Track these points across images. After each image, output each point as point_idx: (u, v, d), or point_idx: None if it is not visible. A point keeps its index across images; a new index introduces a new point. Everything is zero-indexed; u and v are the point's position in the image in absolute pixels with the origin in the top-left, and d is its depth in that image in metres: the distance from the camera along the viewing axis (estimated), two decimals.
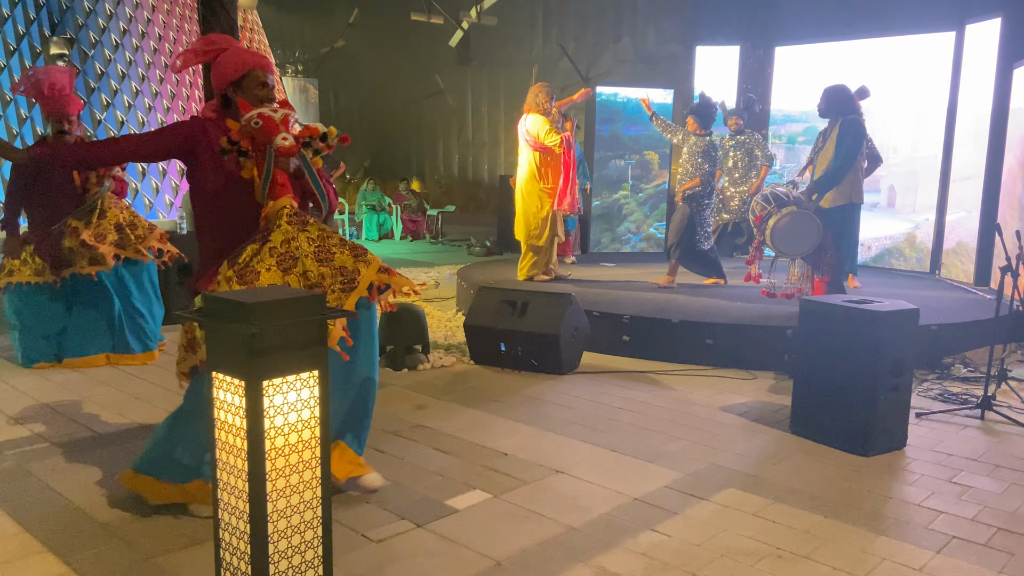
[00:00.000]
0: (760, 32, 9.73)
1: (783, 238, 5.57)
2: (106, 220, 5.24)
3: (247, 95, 2.98)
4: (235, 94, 2.99)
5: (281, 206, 2.89)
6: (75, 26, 12.25)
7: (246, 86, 2.99)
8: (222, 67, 2.99)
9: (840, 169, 5.44)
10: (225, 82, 3.00)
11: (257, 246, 2.84)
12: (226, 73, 2.99)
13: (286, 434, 2.28)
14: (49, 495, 3.23)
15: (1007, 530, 3.05)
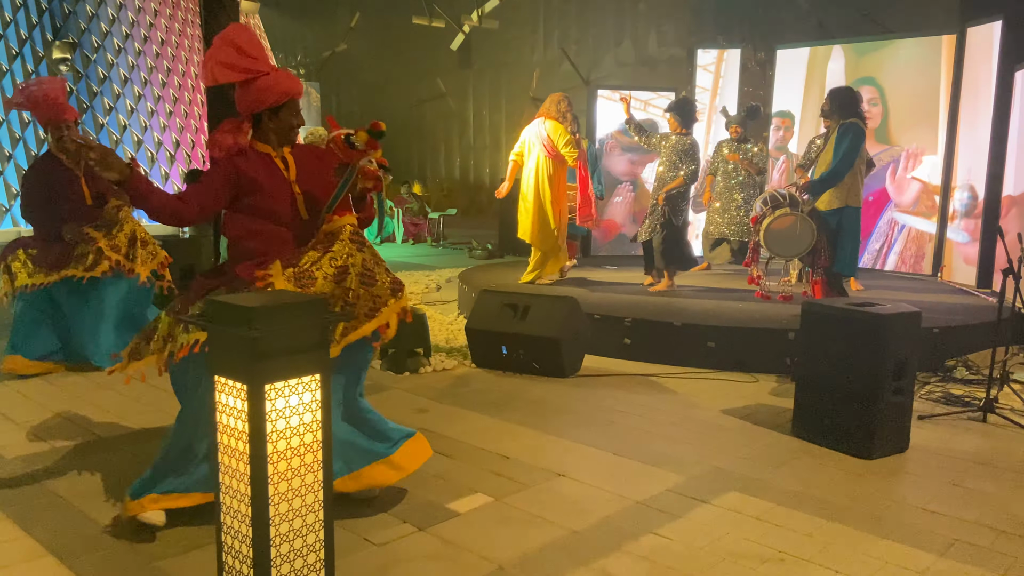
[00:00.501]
0: (761, 34, 9.73)
1: (776, 240, 5.57)
2: (123, 232, 5.21)
3: (282, 121, 2.98)
4: (270, 118, 2.98)
5: (346, 222, 2.94)
6: (78, 31, 12.28)
7: (283, 113, 2.98)
8: (262, 91, 2.92)
9: (836, 172, 5.43)
10: (263, 106, 2.95)
11: (317, 254, 2.87)
12: (267, 98, 2.93)
13: (288, 437, 2.29)
14: (52, 499, 3.23)
15: (1010, 533, 3.05)
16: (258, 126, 3.01)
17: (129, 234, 5.23)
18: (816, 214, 5.58)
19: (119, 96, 12.46)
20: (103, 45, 12.46)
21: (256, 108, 2.96)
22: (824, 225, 5.54)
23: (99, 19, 12.47)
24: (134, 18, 12.84)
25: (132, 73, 12.64)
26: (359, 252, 2.91)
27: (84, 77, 12.24)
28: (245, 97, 2.96)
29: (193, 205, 2.89)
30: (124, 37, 12.69)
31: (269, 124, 3.00)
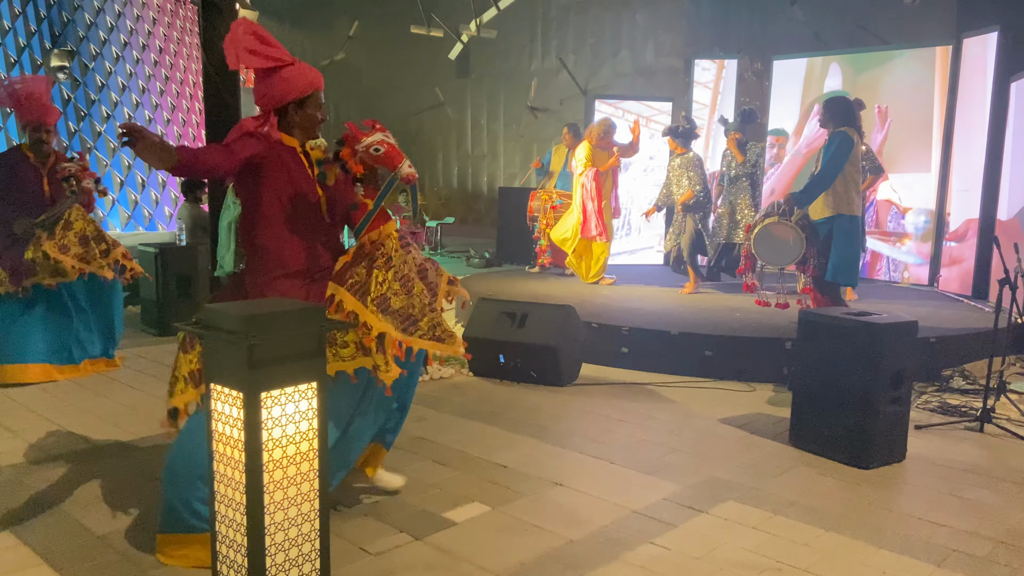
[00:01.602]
0: (758, 45, 9.77)
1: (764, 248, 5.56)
2: (72, 232, 5.15)
3: (306, 114, 2.90)
4: (295, 111, 2.89)
5: (392, 230, 2.88)
6: (76, 38, 12.30)
7: (308, 105, 2.90)
8: (288, 82, 2.84)
9: (819, 181, 5.41)
10: (287, 98, 2.86)
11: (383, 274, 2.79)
12: (292, 89, 2.85)
13: (284, 446, 2.28)
14: (46, 507, 3.22)
15: (1007, 543, 3.04)
16: (282, 120, 2.92)
17: (80, 233, 5.18)
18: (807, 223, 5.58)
19: (117, 104, 12.48)
20: (101, 53, 12.48)
21: (282, 100, 2.86)
22: (814, 234, 5.54)
23: (97, 27, 12.49)
24: (132, 26, 12.87)
25: (130, 81, 12.66)
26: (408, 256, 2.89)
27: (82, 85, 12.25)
28: (270, 88, 2.85)
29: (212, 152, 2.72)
30: (122, 45, 12.72)
31: (294, 117, 2.90)
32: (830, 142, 5.49)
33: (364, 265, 2.82)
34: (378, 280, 2.77)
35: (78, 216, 5.23)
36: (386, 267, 2.80)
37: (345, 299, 2.74)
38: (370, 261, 2.82)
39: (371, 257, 2.83)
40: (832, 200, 5.51)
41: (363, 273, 2.80)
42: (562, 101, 13.28)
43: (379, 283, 2.77)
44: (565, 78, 13.14)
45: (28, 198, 5.15)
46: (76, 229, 5.18)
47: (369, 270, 2.80)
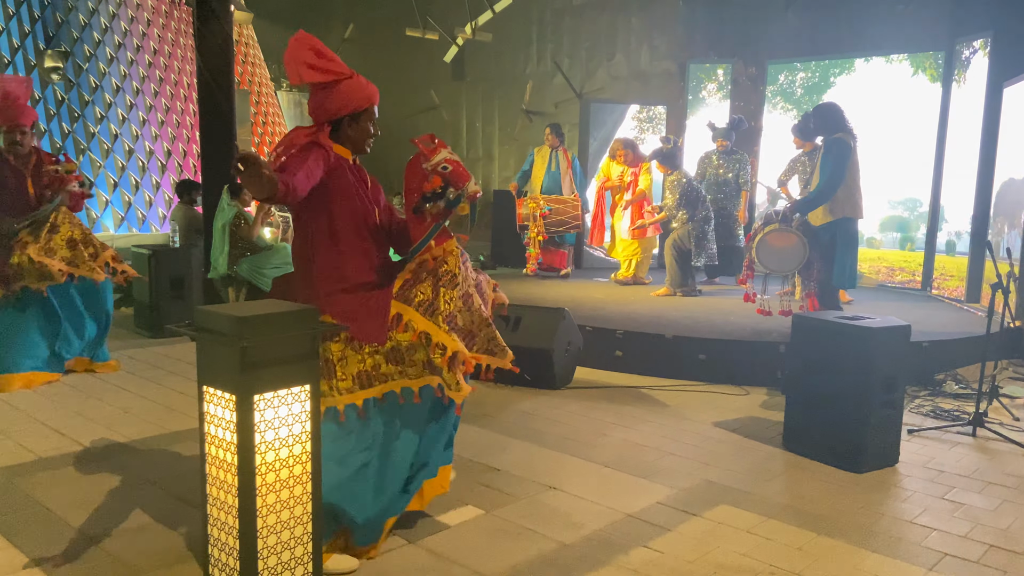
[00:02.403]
0: (752, 49, 9.81)
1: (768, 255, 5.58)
2: (58, 235, 5.11)
3: (360, 128, 2.87)
4: (350, 124, 2.85)
5: (453, 247, 2.85)
6: (70, 39, 12.27)
7: (363, 119, 2.87)
8: (345, 96, 2.80)
9: (823, 191, 5.45)
10: (343, 112, 2.82)
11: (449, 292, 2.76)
12: (348, 103, 2.81)
13: (277, 449, 2.27)
14: (37, 509, 3.20)
15: (999, 547, 3.05)
16: (335, 133, 2.86)
17: (67, 237, 5.15)
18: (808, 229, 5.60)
19: (111, 105, 12.45)
20: (95, 54, 12.45)
21: (339, 113, 2.82)
22: (816, 240, 5.56)
23: (91, 28, 12.47)
24: (126, 27, 12.84)
25: (124, 82, 12.63)
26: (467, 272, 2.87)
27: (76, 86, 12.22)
28: (327, 101, 2.81)
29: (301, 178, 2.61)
30: (116, 46, 12.69)
31: (348, 131, 2.86)
32: (827, 152, 5.51)
33: (429, 283, 2.78)
34: (445, 299, 2.75)
35: (64, 219, 5.19)
36: (451, 285, 2.78)
37: (415, 319, 2.70)
38: (435, 279, 2.79)
39: (435, 275, 2.80)
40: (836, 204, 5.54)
41: (429, 291, 2.76)
42: (557, 104, 13.29)
43: (447, 302, 2.75)
44: (560, 81, 13.15)
45: (12, 199, 5.10)
46: (62, 233, 5.14)
47: (435, 288, 2.77)
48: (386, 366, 2.71)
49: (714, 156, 8.35)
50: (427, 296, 2.75)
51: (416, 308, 2.72)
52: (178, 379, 5.34)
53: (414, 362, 2.72)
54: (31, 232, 5.08)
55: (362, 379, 2.69)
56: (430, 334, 2.68)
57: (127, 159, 12.36)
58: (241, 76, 15.16)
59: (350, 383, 2.67)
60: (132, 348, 6.24)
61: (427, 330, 2.69)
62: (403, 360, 2.72)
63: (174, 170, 12.84)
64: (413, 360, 2.72)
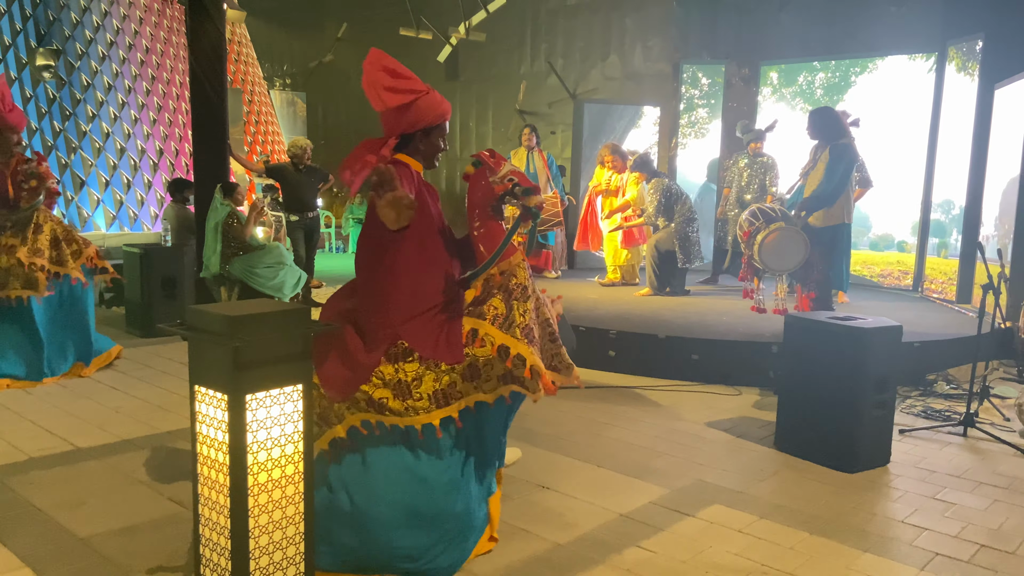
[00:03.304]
0: (745, 51, 9.83)
1: (770, 254, 5.60)
2: (42, 235, 5.07)
3: (431, 143, 2.85)
4: (422, 139, 2.83)
5: (520, 260, 2.82)
6: (62, 37, 12.22)
7: (434, 134, 2.86)
8: (420, 112, 2.78)
9: (833, 193, 5.50)
10: (417, 127, 2.80)
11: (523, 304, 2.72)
12: (422, 119, 2.78)
13: (269, 449, 2.27)
14: (28, 510, 3.18)
15: (990, 547, 3.06)
16: (404, 146, 2.83)
17: (50, 235, 5.11)
18: (809, 229, 5.63)
19: (103, 103, 12.40)
20: (87, 52, 12.40)
21: (412, 128, 2.79)
22: (816, 240, 5.59)
23: (84, 26, 12.41)
24: (119, 26, 12.79)
25: (116, 81, 12.58)
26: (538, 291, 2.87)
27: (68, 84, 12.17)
28: (401, 116, 2.78)
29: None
30: (108, 45, 12.64)
31: (420, 145, 2.84)
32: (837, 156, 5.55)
33: (500, 297, 2.74)
34: (519, 311, 2.71)
35: (46, 218, 5.15)
36: (523, 298, 2.75)
37: (492, 333, 2.66)
38: (507, 293, 2.75)
39: (506, 289, 2.76)
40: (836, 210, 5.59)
41: (502, 306, 2.72)
42: (551, 105, 13.29)
43: (521, 314, 2.71)
44: (554, 82, 13.16)
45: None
46: (46, 232, 5.10)
47: (508, 302, 2.72)
48: (462, 384, 2.67)
49: (742, 160, 8.22)
50: (501, 310, 2.71)
51: (491, 323, 2.69)
52: (170, 379, 5.32)
53: (490, 377, 2.68)
54: (16, 234, 5.03)
55: (438, 398, 2.65)
56: (508, 347, 2.64)
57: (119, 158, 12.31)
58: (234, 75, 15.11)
59: (426, 403, 2.63)
60: (124, 348, 6.21)
61: (505, 343, 2.64)
62: (479, 376, 2.67)
63: (166, 169, 12.80)
64: (489, 375, 2.68)
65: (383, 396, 2.62)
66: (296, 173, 7.97)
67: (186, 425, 4.07)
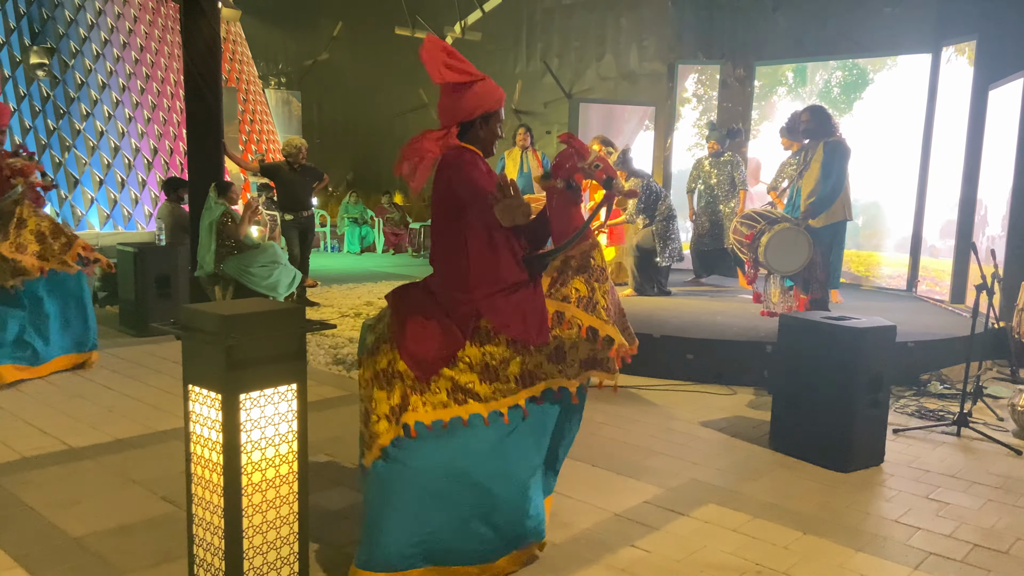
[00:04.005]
0: (741, 51, 9.85)
1: (776, 255, 5.58)
2: (26, 230, 5.04)
3: (490, 129, 2.84)
4: (481, 126, 2.82)
5: (597, 241, 2.86)
6: (56, 35, 12.18)
7: (493, 120, 2.84)
8: (479, 97, 2.77)
9: (833, 191, 5.53)
10: (477, 113, 2.78)
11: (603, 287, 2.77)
12: (482, 104, 2.77)
13: (263, 448, 2.26)
14: (21, 510, 3.17)
15: (983, 547, 3.07)
16: (464, 136, 2.82)
17: (35, 230, 5.08)
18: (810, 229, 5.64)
19: (97, 102, 12.36)
20: (81, 50, 12.36)
21: (473, 114, 2.78)
22: (818, 240, 5.60)
23: (78, 24, 12.37)
24: (113, 24, 12.75)
25: (110, 79, 12.54)
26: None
27: (61, 82, 12.13)
28: (462, 101, 2.75)
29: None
30: (103, 43, 12.60)
31: (480, 132, 2.82)
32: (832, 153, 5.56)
33: (582, 279, 2.77)
34: (601, 292, 2.76)
35: (30, 213, 5.12)
36: (603, 279, 2.79)
37: (579, 315, 2.70)
38: (588, 275, 2.78)
39: (587, 270, 2.79)
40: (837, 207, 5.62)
41: (584, 287, 2.75)
42: (546, 104, 13.30)
43: (603, 295, 2.76)
44: (550, 81, 13.17)
45: None
46: (31, 227, 5.07)
47: (589, 284, 2.76)
48: (547, 365, 2.69)
49: (705, 161, 8.31)
50: (584, 292, 2.74)
51: (576, 305, 2.72)
52: (163, 378, 5.31)
53: (574, 361, 2.71)
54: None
55: (524, 379, 2.66)
56: (596, 328, 2.67)
57: (113, 156, 12.27)
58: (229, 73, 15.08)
59: (513, 384, 2.63)
60: (117, 347, 6.19)
61: (593, 324, 2.68)
62: (564, 359, 2.71)
63: (160, 168, 12.76)
64: (574, 359, 2.71)
65: (469, 381, 2.61)
66: (291, 172, 7.95)
67: (180, 424, 4.06)
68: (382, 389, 2.62)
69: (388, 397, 2.59)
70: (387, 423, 2.57)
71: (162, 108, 13.13)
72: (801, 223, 5.65)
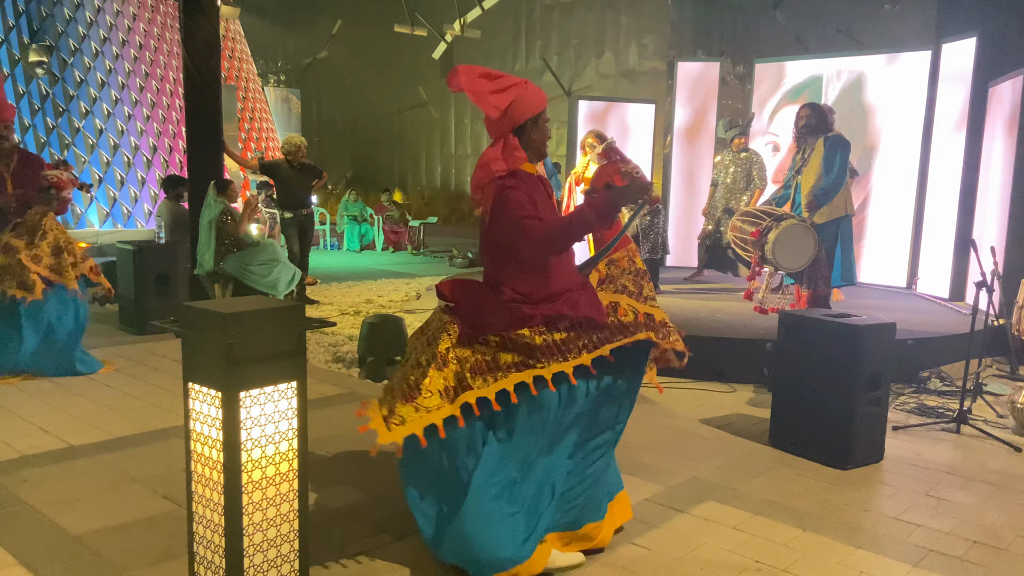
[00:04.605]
0: (740, 48, 9.84)
1: (784, 252, 5.57)
2: (45, 242, 5.05)
3: (541, 130, 2.89)
4: (532, 128, 2.86)
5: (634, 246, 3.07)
6: (55, 34, 12.16)
7: (541, 121, 2.90)
8: (524, 102, 2.81)
9: (835, 185, 5.54)
10: (529, 114, 2.83)
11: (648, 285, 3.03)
12: (528, 108, 2.82)
13: (263, 446, 2.26)
14: (21, 508, 3.17)
15: (983, 543, 3.08)
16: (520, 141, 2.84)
17: (53, 243, 5.08)
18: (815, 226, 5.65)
19: (96, 100, 12.35)
20: (80, 48, 12.35)
21: (522, 119, 2.82)
22: (822, 237, 5.61)
23: (77, 22, 12.36)
24: (112, 22, 12.74)
25: (109, 77, 12.53)
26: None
27: (61, 80, 12.12)
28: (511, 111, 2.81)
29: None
30: (102, 41, 12.58)
31: (532, 135, 2.87)
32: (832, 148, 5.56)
33: (629, 278, 3.01)
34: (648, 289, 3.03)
35: (52, 226, 5.12)
36: (646, 278, 3.06)
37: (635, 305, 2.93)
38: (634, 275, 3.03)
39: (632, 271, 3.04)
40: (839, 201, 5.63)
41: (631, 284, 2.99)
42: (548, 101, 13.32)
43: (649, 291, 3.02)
44: (549, 79, 13.16)
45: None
46: (50, 239, 5.08)
47: (637, 282, 3.01)
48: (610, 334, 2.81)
49: (726, 157, 8.18)
50: (633, 288, 2.98)
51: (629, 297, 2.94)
52: (163, 376, 5.31)
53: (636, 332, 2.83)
54: (20, 235, 5.01)
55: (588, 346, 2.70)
56: (653, 315, 2.90)
57: (112, 154, 12.27)
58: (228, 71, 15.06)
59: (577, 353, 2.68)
60: (117, 345, 6.19)
61: (648, 311, 2.89)
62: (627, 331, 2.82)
63: (160, 166, 12.76)
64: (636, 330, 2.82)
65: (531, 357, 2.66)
66: (290, 170, 7.95)
67: (180, 422, 4.05)
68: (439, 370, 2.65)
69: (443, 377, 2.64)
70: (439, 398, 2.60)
71: (161, 106, 13.12)
72: (811, 215, 5.65)
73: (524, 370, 2.60)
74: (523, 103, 2.80)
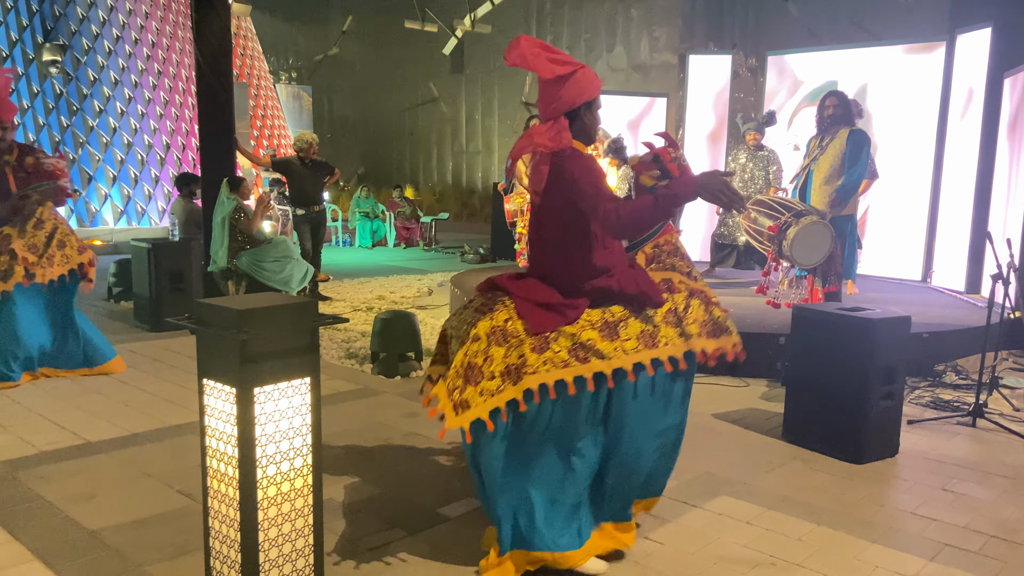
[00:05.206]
0: (752, 41, 9.78)
1: (802, 249, 5.53)
2: (42, 231, 5.01)
3: (593, 115, 2.89)
4: (585, 113, 2.85)
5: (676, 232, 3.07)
6: (68, 33, 12.24)
7: (594, 107, 2.89)
8: (580, 85, 2.78)
9: (859, 180, 5.53)
10: (583, 98, 2.82)
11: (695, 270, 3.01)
12: (584, 92, 2.81)
13: (277, 441, 2.27)
14: (39, 503, 3.21)
15: (999, 538, 3.06)
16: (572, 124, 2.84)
17: (49, 232, 5.04)
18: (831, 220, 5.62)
19: (109, 98, 12.42)
20: (93, 47, 12.42)
21: (576, 102, 2.80)
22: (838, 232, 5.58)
23: (89, 21, 12.43)
24: (124, 20, 12.80)
25: (122, 75, 12.60)
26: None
27: (74, 79, 12.20)
28: (564, 92, 2.77)
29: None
30: (114, 39, 12.65)
31: (584, 120, 2.86)
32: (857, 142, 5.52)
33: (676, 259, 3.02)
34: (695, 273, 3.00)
35: (50, 215, 5.11)
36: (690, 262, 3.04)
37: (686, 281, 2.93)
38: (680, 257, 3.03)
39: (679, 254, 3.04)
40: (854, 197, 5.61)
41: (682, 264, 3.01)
42: None
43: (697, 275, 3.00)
44: None
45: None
46: (47, 228, 5.05)
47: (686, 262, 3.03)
48: (666, 328, 2.79)
49: (742, 154, 8.10)
50: (683, 266, 3.00)
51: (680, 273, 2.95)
52: (178, 372, 5.35)
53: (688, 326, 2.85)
54: (14, 225, 5.01)
55: (645, 339, 2.72)
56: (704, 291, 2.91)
57: (126, 153, 12.34)
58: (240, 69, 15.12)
59: (635, 343, 2.69)
60: (132, 342, 6.24)
61: (703, 288, 2.90)
62: (681, 323, 2.84)
63: (173, 163, 12.82)
64: (689, 322, 2.85)
65: (590, 337, 2.65)
66: (302, 167, 7.98)
67: (195, 418, 4.09)
68: (499, 345, 2.63)
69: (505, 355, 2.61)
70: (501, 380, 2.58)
71: (174, 104, 13.18)
72: (835, 210, 5.61)
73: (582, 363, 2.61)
74: (577, 85, 2.78)
